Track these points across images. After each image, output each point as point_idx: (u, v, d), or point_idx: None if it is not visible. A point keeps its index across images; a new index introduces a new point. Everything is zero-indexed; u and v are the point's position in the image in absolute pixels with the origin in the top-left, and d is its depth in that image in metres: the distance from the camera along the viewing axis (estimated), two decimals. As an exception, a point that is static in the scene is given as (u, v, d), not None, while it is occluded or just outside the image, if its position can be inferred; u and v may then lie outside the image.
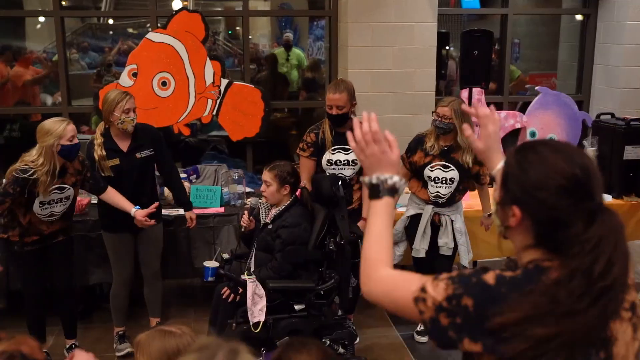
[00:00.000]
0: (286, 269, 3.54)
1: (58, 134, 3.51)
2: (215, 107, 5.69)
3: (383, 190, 1.50)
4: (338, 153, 4.08)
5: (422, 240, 4.11)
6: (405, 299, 1.34)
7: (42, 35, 9.91)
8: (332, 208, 3.68)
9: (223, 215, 4.56)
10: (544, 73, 7.83)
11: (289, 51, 8.16)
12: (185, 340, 1.93)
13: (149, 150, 4.03)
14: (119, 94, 3.88)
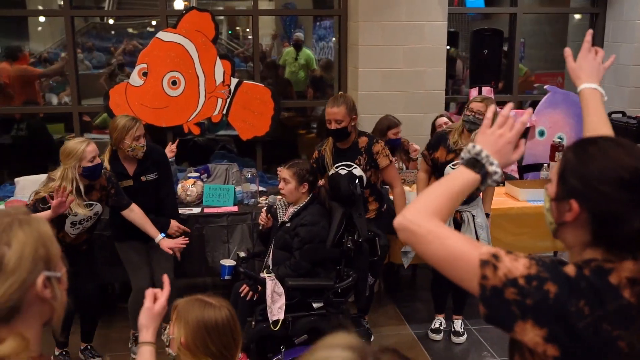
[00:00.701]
0: (304, 267, 3.54)
1: (78, 156, 3.51)
2: (225, 106, 5.69)
3: (483, 170, 1.43)
4: (341, 169, 4.05)
5: None
6: (468, 255, 1.29)
7: (45, 36, 9.92)
8: (349, 206, 3.69)
9: (237, 214, 4.56)
10: (550, 72, 7.85)
11: (298, 51, 8.16)
12: (224, 313, 1.95)
13: (154, 174, 4.05)
14: (128, 121, 3.86)
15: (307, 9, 8.10)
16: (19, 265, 1.14)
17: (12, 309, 1.14)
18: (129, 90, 5.58)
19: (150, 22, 10.03)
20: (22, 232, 1.17)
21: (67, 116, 6.71)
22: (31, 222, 1.20)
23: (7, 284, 1.13)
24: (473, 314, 4.66)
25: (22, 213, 1.22)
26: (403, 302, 4.89)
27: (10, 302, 1.13)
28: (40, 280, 1.17)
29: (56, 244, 1.24)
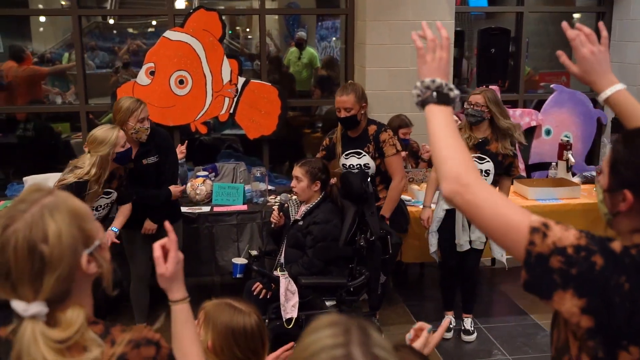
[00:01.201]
0: (317, 265, 3.55)
1: (112, 142, 3.53)
2: (232, 105, 5.69)
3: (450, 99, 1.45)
4: (351, 157, 4.07)
5: (464, 234, 4.09)
6: (519, 222, 1.30)
7: (47, 36, 9.91)
8: (361, 205, 3.69)
9: (246, 213, 4.56)
10: (554, 72, 7.85)
11: (301, 50, 8.16)
12: (253, 320, 1.94)
13: (155, 157, 3.99)
14: (132, 102, 3.83)
15: (315, 8, 8.11)
16: (61, 257, 1.17)
17: (64, 293, 1.19)
18: (136, 89, 5.57)
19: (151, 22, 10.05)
20: (54, 222, 1.18)
21: (73, 115, 6.71)
22: (59, 205, 1.21)
23: (55, 277, 1.17)
24: (483, 313, 4.67)
25: (46, 194, 1.22)
26: (412, 300, 4.89)
27: (62, 289, 1.18)
28: (84, 260, 1.21)
29: (88, 214, 1.27)
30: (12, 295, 1.18)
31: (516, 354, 4.08)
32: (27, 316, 1.16)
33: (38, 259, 1.16)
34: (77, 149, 6.51)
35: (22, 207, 1.20)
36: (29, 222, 1.17)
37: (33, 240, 1.16)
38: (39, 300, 1.17)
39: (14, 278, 1.17)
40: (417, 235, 4.60)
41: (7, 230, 1.17)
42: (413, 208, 4.66)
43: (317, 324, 1.02)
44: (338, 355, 0.94)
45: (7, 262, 1.16)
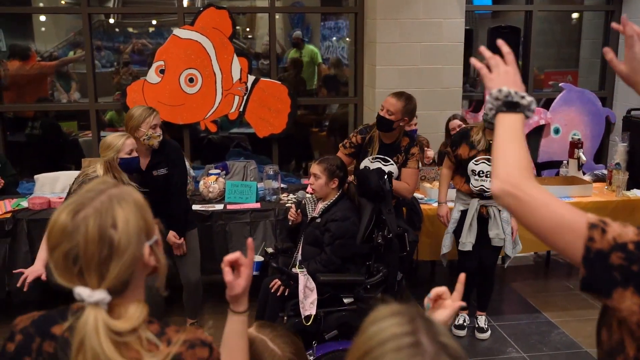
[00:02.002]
0: (335, 263, 3.54)
1: (117, 147, 3.54)
2: (242, 104, 5.69)
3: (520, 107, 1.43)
4: (377, 162, 4.06)
5: (469, 234, 4.11)
6: (575, 220, 1.27)
7: (49, 36, 9.89)
8: (378, 202, 3.69)
9: (259, 211, 4.55)
10: (560, 71, 7.86)
11: (301, 49, 8.16)
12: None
13: (165, 169, 3.97)
14: (145, 110, 3.84)
15: (324, 7, 8.12)
16: (128, 244, 1.20)
17: (124, 283, 1.21)
18: (146, 87, 5.57)
19: (157, 21, 10.04)
20: (122, 210, 1.21)
21: (80, 114, 6.71)
22: (125, 196, 1.25)
23: (121, 264, 1.19)
24: (497, 311, 4.68)
25: (112, 186, 1.26)
26: (424, 298, 4.88)
27: (124, 278, 1.20)
28: (146, 252, 1.24)
29: (148, 207, 1.29)
30: (78, 282, 1.19)
31: (531, 351, 4.09)
32: (92, 302, 1.17)
33: (107, 244, 1.18)
34: (85, 147, 6.50)
35: (90, 195, 1.22)
36: (99, 208, 1.19)
37: (103, 226, 1.18)
38: (102, 288, 1.18)
39: (82, 263, 1.18)
40: (430, 233, 4.60)
41: (77, 216, 1.18)
42: (426, 206, 4.66)
43: (379, 314, 1.01)
44: (407, 343, 0.94)
45: (76, 246, 1.17)
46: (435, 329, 0.98)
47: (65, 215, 1.19)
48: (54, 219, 1.21)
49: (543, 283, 5.32)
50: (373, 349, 0.96)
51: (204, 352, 1.25)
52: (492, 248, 4.14)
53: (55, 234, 1.19)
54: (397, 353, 0.93)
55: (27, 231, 4.29)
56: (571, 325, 4.45)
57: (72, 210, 1.19)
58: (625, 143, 5.23)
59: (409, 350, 0.93)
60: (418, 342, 0.94)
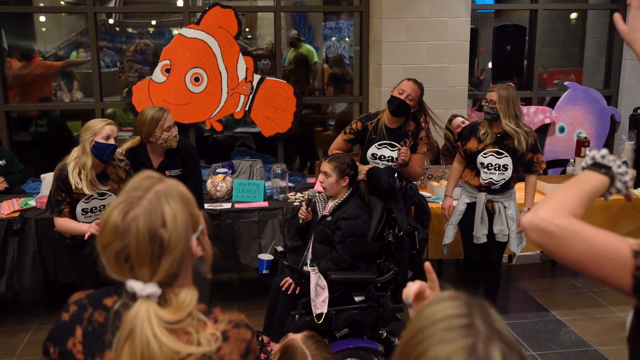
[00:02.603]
0: (346, 261, 3.54)
1: (94, 130, 3.43)
2: (248, 103, 5.68)
3: (609, 172, 1.38)
4: (384, 148, 4.09)
5: (482, 227, 4.12)
6: (617, 249, 1.22)
7: (51, 36, 9.87)
8: (388, 200, 3.69)
9: (267, 210, 4.55)
10: (563, 70, 7.86)
11: (298, 49, 8.16)
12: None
13: (179, 170, 3.94)
14: (156, 112, 3.77)
15: (330, 6, 8.12)
16: (178, 240, 1.23)
17: (174, 275, 1.25)
18: (152, 86, 5.57)
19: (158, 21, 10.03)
20: (170, 208, 1.24)
21: (84, 113, 6.69)
22: (171, 191, 1.27)
23: (171, 259, 1.22)
24: (504, 309, 4.68)
25: (157, 181, 1.28)
26: (431, 297, 4.89)
27: (174, 271, 1.24)
28: (194, 244, 1.27)
29: (193, 198, 1.32)
30: (129, 276, 1.23)
31: (541, 350, 4.09)
32: (143, 295, 1.21)
33: (158, 243, 1.21)
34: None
35: (137, 194, 1.25)
36: (148, 208, 1.22)
37: (153, 226, 1.22)
38: (153, 281, 1.22)
39: (133, 261, 1.22)
40: (438, 231, 4.60)
41: (127, 217, 1.22)
42: (434, 204, 4.66)
43: (437, 298, 1.02)
44: (461, 324, 0.94)
45: (127, 246, 1.21)
46: (490, 316, 0.98)
47: (116, 215, 1.22)
48: (105, 218, 1.24)
49: (550, 281, 5.33)
50: (425, 327, 0.96)
51: (246, 334, 1.29)
52: (497, 244, 4.15)
53: (107, 234, 1.23)
54: (449, 332, 0.93)
55: (35, 230, 4.28)
56: (580, 323, 4.45)
57: (122, 211, 1.23)
58: (632, 141, 5.24)
59: (462, 331, 0.93)
60: (472, 324, 0.94)
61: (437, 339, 0.93)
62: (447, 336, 0.93)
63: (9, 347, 4.12)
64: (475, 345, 0.91)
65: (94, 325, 1.27)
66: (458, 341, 0.92)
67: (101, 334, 1.27)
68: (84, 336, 1.29)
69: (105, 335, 1.25)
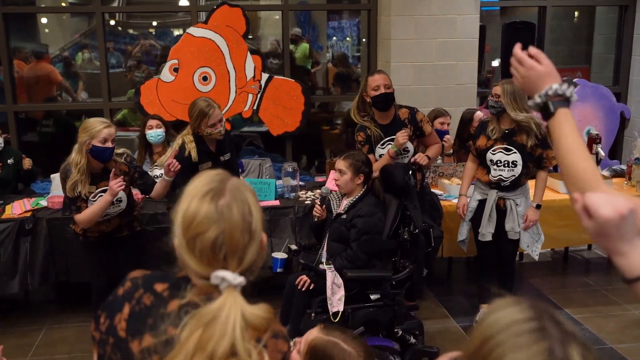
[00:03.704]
0: (361, 259, 3.52)
1: (91, 133, 3.44)
2: (256, 102, 5.66)
3: (552, 104, 1.45)
4: (387, 146, 4.09)
5: (488, 225, 4.10)
6: None
7: (55, 38, 9.87)
8: (403, 198, 3.67)
9: (279, 208, 4.53)
10: (569, 68, 7.84)
11: (297, 46, 8.17)
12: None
13: (229, 154, 4.10)
14: (203, 108, 3.85)
15: (337, 4, 8.10)
16: (259, 229, 1.26)
17: (253, 266, 1.24)
18: (160, 86, 5.55)
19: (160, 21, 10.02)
20: (251, 197, 1.26)
21: (92, 113, 6.68)
22: (243, 184, 1.30)
23: (255, 248, 1.24)
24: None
25: (226, 176, 1.29)
26: (443, 295, 4.87)
27: (254, 261, 1.24)
28: (264, 235, 1.30)
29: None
30: (218, 266, 1.21)
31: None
32: (235, 284, 1.19)
33: (247, 229, 1.22)
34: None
35: (217, 187, 1.25)
36: (236, 196, 1.23)
37: (244, 212, 1.23)
38: (238, 271, 1.21)
39: (227, 249, 1.20)
40: (450, 229, 4.57)
41: (219, 204, 1.22)
42: (445, 202, 4.64)
43: (497, 304, 0.99)
44: (532, 327, 0.92)
45: (222, 232, 1.20)
46: (558, 317, 0.96)
47: (207, 203, 1.22)
48: (192, 208, 1.22)
49: (562, 279, 5.30)
50: (495, 334, 0.93)
51: (284, 346, 1.27)
52: (510, 241, 4.13)
53: (201, 222, 1.21)
54: (521, 337, 0.91)
55: (47, 230, 4.27)
56: (593, 321, 4.43)
57: (212, 199, 1.22)
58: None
59: (535, 335, 0.91)
60: (543, 328, 0.92)
61: (511, 345, 0.91)
62: (520, 341, 0.91)
63: (22, 347, 4.10)
64: (553, 349, 0.90)
65: (141, 307, 1.27)
66: (534, 346, 0.90)
67: (146, 316, 1.26)
68: (130, 315, 1.28)
69: (148, 318, 1.24)
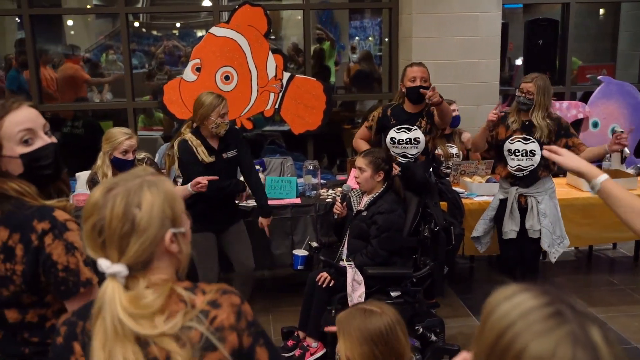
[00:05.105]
0: (381, 256, 3.53)
1: (113, 145, 3.58)
2: (278, 101, 5.69)
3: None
4: (402, 132, 4.09)
5: (511, 222, 4.05)
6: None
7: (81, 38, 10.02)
8: (424, 195, 3.66)
9: (300, 206, 4.55)
10: (595, 65, 7.75)
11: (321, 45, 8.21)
12: (388, 319, 1.85)
13: (234, 150, 4.04)
14: (215, 99, 3.88)
15: (358, 2, 8.11)
16: (149, 224, 1.27)
17: (145, 262, 1.29)
18: (183, 85, 5.60)
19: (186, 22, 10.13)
20: (150, 194, 1.29)
21: (116, 114, 6.78)
22: (158, 184, 1.32)
23: (140, 241, 1.26)
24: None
25: (150, 174, 1.34)
26: (465, 294, 4.85)
27: (143, 256, 1.28)
28: (167, 237, 1.30)
29: (180, 202, 1.36)
30: (101, 253, 1.27)
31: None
32: (109, 273, 1.26)
33: (130, 221, 1.26)
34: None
35: (126, 178, 1.32)
36: (129, 189, 1.28)
37: (129, 204, 1.27)
38: (121, 262, 1.26)
39: (105, 235, 1.26)
40: (472, 228, 4.55)
41: (109, 193, 1.28)
42: (467, 200, 4.62)
43: (504, 294, 0.98)
44: (550, 312, 0.91)
45: (103, 219, 1.26)
46: (569, 299, 0.95)
47: (99, 192, 1.29)
48: (90, 195, 1.31)
49: (585, 278, 5.25)
50: (513, 323, 0.92)
51: (236, 299, 1.31)
52: (530, 240, 4.08)
53: (88, 208, 1.29)
54: (543, 323, 0.90)
55: (71, 227, 4.33)
56: (618, 320, 4.37)
57: (106, 188, 1.29)
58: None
59: (554, 319, 0.90)
60: (560, 312, 0.91)
61: (534, 332, 0.90)
62: (542, 327, 0.90)
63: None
64: (575, 331, 0.89)
65: (89, 335, 1.29)
66: (557, 331, 0.89)
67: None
68: (83, 349, 1.32)
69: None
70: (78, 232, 1.69)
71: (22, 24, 5.92)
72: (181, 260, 1.35)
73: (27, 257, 1.64)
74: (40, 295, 1.70)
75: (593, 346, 0.89)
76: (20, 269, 1.65)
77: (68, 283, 1.66)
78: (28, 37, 5.46)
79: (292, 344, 3.75)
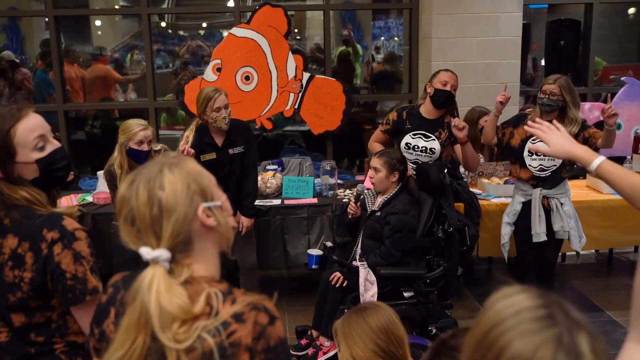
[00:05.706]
0: (395, 256, 3.54)
1: (128, 135, 3.64)
2: (297, 101, 5.72)
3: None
4: (418, 138, 4.06)
5: (540, 224, 3.97)
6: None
7: (107, 39, 10.17)
8: (438, 196, 3.66)
9: (316, 206, 4.58)
10: (619, 66, 7.64)
11: (349, 47, 8.19)
12: (382, 313, 1.89)
13: (241, 147, 4.04)
14: (209, 92, 3.87)
15: (379, 3, 8.12)
16: (176, 203, 1.26)
17: (185, 242, 1.27)
18: (204, 85, 5.65)
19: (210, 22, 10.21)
20: (172, 174, 1.28)
21: (139, 113, 6.88)
22: (179, 164, 1.31)
23: (172, 222, 1.25)
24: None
25: (170, 158, 1.33)
26: (482, 295, 4.83)
27: (180, 236, 1.25)
28: (200, 211, 1.27)
29: (208, 176, 1.34)
30: (140, 243, 1.27)
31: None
32: (150, 259, 1.24)
33: (156, 204, 1.25)
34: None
35: (147, 166, 1.32)
36: (150, 175, 1.28)
37: (151, 188, 1.27)
38: (161, 247, 1.25)
39: (138, 224, 1.26)
40: (489, 229, 4.53)
41: (132, 184, 1.29)
42: (484, 202, 4.60)
43: (503, 292, 0.99)
44: (541, 315, 0.93)
45: (131, 209, 1.26)
46: (567, 306, 0.96)
47: (125, 186, 1.30)
48: (118, 190, 1.31)
49: (605, 281, 5.19)
50: (503, 321, 0.94)
51: (264, 318, 1.24)
52: (554, 242, 4.01)
53: (118, 203, 1.30)
54: (531, 324, 0.92)
55: (92, 225, 4.42)
56: (637, 324, 4.31)
57: (129, 181, 1.30)
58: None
59: (544, 322, 0.92)
60: (552, 315, 0.93)
61: (520, 332, 0.92)
62: (530, 328, 0.92)
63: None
64: (561, 335, 0.90)
65: (124, 306, 1.29)
66: (543, 332, 0.91)
67: None
68: (116, 317, 1.32)
69: None
70: (86, 240, 1.74)
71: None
72: (223, 233, 1.33)
73: (37, 265, 1.69)
74: (46, 299, 1.75)
75: (577, 353, 0.90)
76: (29, 276, 1.70)
77: (75, 291, 1.71)
78: (52, 38, 5.57)
79: (305, 342, 3.78)
